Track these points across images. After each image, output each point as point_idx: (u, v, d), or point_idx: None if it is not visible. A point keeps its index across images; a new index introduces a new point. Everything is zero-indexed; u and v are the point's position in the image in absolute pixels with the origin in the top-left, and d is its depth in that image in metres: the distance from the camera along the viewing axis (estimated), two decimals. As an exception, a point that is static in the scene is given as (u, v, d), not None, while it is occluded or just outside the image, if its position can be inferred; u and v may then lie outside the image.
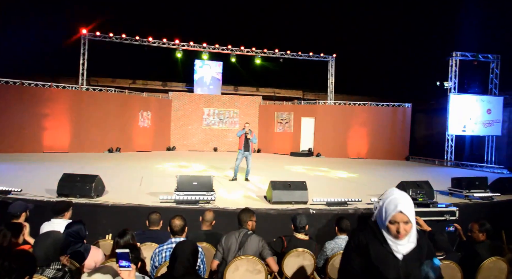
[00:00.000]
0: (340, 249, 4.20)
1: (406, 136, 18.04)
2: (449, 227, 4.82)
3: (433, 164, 16.59)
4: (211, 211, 4.62)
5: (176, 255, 2.66)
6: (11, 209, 4.34)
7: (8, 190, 6.64)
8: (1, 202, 6.32)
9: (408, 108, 18.09)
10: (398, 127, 18.05)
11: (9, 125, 13.79)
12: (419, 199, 5.74)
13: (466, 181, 7.97)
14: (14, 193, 6.63)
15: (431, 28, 18.50)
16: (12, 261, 1.89)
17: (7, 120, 13.75)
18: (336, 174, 11.83)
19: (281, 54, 19.57)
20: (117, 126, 16.12)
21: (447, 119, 16.19)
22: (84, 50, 17.36)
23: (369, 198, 7.03)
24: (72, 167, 10.48)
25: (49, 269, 2.68)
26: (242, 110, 19.70)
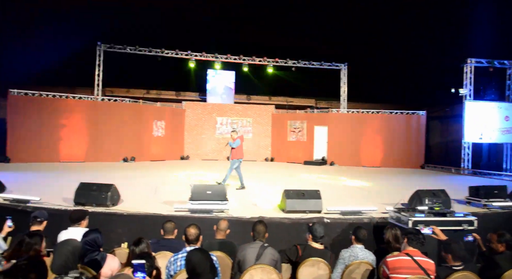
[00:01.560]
0: (356, 258, 4.17)
1: (420, 144, 17.82)
2: (467, 236, 4.72)
3: (449, 172, 16.31)
4: (225, 220, 4.64)
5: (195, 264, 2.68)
6: (36, 213, 4.45)
7: (27, 199, 6.78)
8: (21, 211, 6.46)
9: (423, 115, 17.90)
10: (412, 135, 17.84)
11: (28, 136, 14.11)
12: (435, 208, 5.64)
13: (484, 189, 7.82)
14: (33, 201, 6.76)
15: (445, 35, 18.34)
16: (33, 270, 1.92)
17: (26, 131, 14.08)
18: (350, 183, 11.73)
19: (293, 63, 19.63)
20: (132, 136, 16.32)
21: (463, 126, 15.96)
22: (99, 61, 17.72)
23: (384, 207, 6.94)
24: (88, 176, 10.62)
25: (67, 277, 2.72)
26: (255, 119, 19.76)
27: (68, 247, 2.83)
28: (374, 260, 4.21)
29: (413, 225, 5.44)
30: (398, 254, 3.78)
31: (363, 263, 4.11)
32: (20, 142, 14.00)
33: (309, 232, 4.37)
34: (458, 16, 17.23)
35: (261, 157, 19.62)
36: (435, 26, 18.25)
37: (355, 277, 4.14)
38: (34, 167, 12.87)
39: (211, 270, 2.67)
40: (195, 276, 2.58)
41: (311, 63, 19.85)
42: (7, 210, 6.38)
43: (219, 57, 19.02)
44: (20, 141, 14.00)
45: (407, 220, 5.53)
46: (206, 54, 18.95)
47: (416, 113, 17.91)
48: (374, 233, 6.38)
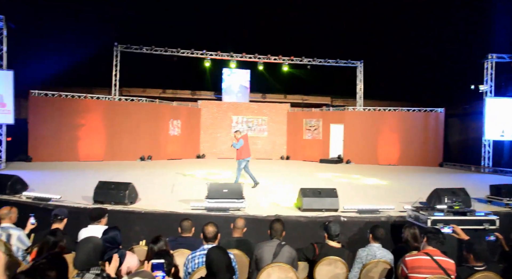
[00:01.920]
0: (374, 257, 4.13)
1: (439, 142, 17.49)
2: (489, 236, 4.62)
3: (469, 170, 15.97)
4: (242, 218, 4.66)
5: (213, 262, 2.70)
6: (57, 211, 4.54)
7: (48, 197, 6.94)
8: (42, 208, 6.61)
9: (441, 113, 17.57)
10: (430, 133, 17.53)
11: (48, 135, 14.43)
12: (455, 206, 5.52)
13: (507, 188, 7.64)
14: (54, 200, 6.92)
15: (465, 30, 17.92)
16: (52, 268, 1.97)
17: (46, 131, 14.40)
18: (366, 181, 11.62)
19: (308, 61, 19.51)
20: (148, 135, 16.51)
21: (484, 124, 15.61)
22: (116, 62, 17.97)
23: (402, 206, 6.85)
24: (106, 174, 10.79)
25: (89, 274, 2.77)
26: (271, 118, 19.74)
27: (89, 244, 2.89)
28: (392, 259, 4.16)
29: (432, 224, 5.35)
30: (417, 253, 3.72)
31: (380, 262, 4.07)
32: (41, 142, 14.33)
33: (324, 230, 4.34)
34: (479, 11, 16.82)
35: (276, 155, 19.59)
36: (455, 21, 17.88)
37: (373, 276, 4.10)
38: (54, 166, 13.15)
39: (228, 268, 2.68)
40: (213, 274, 2.61)
41: (326, 61, 19.70)
42: (29, 208, 6.53)
43: (234, 56, 19.05)
44: (41, 140, 14.33)
45: (426, 218, 5.44)
46: (221, 53, 19.01)
47: (434, 110, 17.60)
48: (391, 232, 6.31)
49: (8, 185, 7.36)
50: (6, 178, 7.54)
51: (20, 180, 7.70)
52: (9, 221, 4.63)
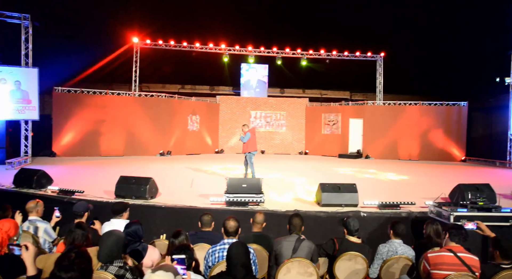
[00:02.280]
0: (395, 253, 4.08)
1: (462, 136, 17.07)
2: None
3: (494, 166, 15.55)
4: (261, 213, 4.66)
5: (233, 256, 2.73)
6: (75, 208, 4.66)
7: (72, 191, 7.13)
8: (67, 202, 6.80)
9: (464, 106, 17.13)
10: (453, 127, 17.12)
11: (71, 131, 14.78)
12: (479, 202, 5.39)
13: (533, 183, 7.40)
14: (77, 194, 7.10)
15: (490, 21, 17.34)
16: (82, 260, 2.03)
17: (69, 126, 14.75)
18: (386, 176, 11.46)
19: (327, 55, 19.32)
20: (168, 130, 16.70)
21: (509, 117, 15.15)
22: (136, 58, 18.20)
23: (423, 201, 6.73)
24: (127, 169, 10.99)
25: (112, 266, 2.84)
26: (289, 113, 19.67)
27: (112, 238, 2.95)
28: (414, 256, 4.10)
29: (455, 220, 5.25)
30: (439, 250, 3.65)
31: (402, 258, 4.02)
32: (64, 137, 14.69)
33: (343, 226, 4.31)
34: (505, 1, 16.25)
35: (295, 151, 19.53)
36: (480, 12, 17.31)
37: (394, 272, 4.06)
38: (77, 160, 13.47)
39: (248, 265, 2.70)
40: (232, 269, 2.63)
41: (345, 55, 19.46)
42: (54, 201, 6.73)
43: (252, 51, 19.03)
44: (64, 136, 14.70)
45: (449, 214, 5.34)
46: (239, 48, 19.01)
47: (457, 104, 17.17)
48: (412, 227, 6.21)
49: (34, 179, 7.60)
50: (33, 173, 7.78)
51: (45, 175, 7.92)
52: (36, 214, 4.77)
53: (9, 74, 12.11)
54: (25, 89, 12.26)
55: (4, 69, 12.14)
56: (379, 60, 19.70)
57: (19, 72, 12.27)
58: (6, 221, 3.21)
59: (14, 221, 3.29)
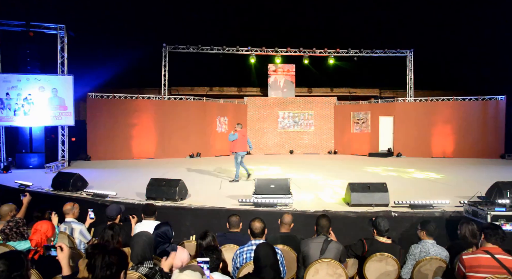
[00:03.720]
0: (428, 254, 3.96)
1: (499, 132, 16.31)
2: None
3: (535, 162, 14.79)
4: (289, 213, 4.65)
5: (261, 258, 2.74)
6: (108, 212, 4.81)
7: (106, 193, 7.37)
8: (101, 204, 7.04)
9: (502, 101, 16.37)
10: (490, 122, 16.39)
11: (105, 135, 15.28)
12: (518, 201, 5.18)
13: None
14: (110, 196, 7.33)
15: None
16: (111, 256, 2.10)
17: (103, 131, 15.26)
18: (419, 175, 11.13)
19: (354, 53, 19.00)
20: (197, 133, 16.94)
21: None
22: (165, 62, 18.58)
23: (458, 200, 6.50)
24: (158, 172, 11.24)
25: (142, 267, 2.92)
26: (317, 112, 19.49)
27: (143, 239, 3.04)
28: (448, 257, 3.97)
29: (492, 220, 5.06)
30: (475, 251, 3.51)
31: (434, 259, 3.90)
32: (98, 141, 15.21)
33: (372, 226, 4.22)
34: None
35: (324, 150, 19.33)
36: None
37: (427, 273, 3.94)
38: (110, 164, 13.91)
39: (275, 266, 2.71)
40: (260, 270, 2.65)
41: (374, 52, 19.07)
42: (89, 204, 6.99)
43: (279, 51, 18.99)
44: (98, 140, 15.22)
45: (485, 214, 5.15)
46: (266, 49, 19.02)
47: (494, 98, 16.45)
48: (447, 228, 6.01)
49: (70, 182, 7.93)
50: (69, 176, 8.12)
51: (81, 178, 8.24)
52: (72, 216, 4.98)
53: (47, 82, 12.68)
54: (61, 96, 12.79)
55: (43, 77, 12.72)
56: (409, 55, 19.18)
57: (56, 80, 12.82)
58: (44, 222, 3.37)
59: (51, 223, 3.44)
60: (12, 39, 12.89)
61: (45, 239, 3.19)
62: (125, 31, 18.55)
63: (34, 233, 3.21)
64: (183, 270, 2.08)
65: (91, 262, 2.06)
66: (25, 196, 5.42)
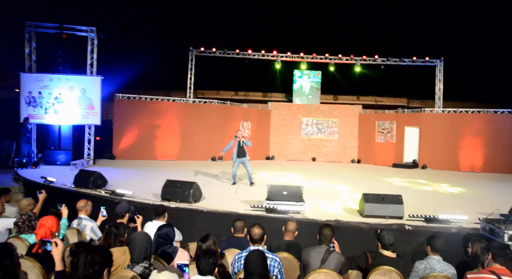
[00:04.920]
0: (433, 271, 3.84)
1: (532, 146, 15.58)
2: None
3: None
4: (294, 221, 4.63)
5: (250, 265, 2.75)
6: (117, 209, 4.94)
7: (122, 193, 7.56)
8: (117, 202, 7.22)
9: (536, 114, 15.66)
10: (522, 136, 15.69)
11: (130, 135, 15.68)
12: (539, 221, 4.93)
13: None
14: (127, 195, 7.52)
15: None
16: (94, 255, 2.17)
17: (128, 131, 15.67)
18: (441, 188, 10.79)
19: (382, 61, 18.69)
20: (220, 136, 17.06)
21: None
22: (191, 66, 18.91)
23: (478, 217, 6.25)
24: (178, 173, 11.42)
25: (138, 266, 2.99)
26: (341, 120, 19.26)
27: (141, 240, 3.11)
28: (455, 274, 3.83)
29: (510, 239, 4.84)
30: (481, 271, 3.38)
31: (440, 276, 3.77)
32: (123, 141, 15.62)
33: (377, 239, 4.14)
34: None
35: (347, 159, 19.06)
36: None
37: (432, 291, 3.82)
38: (134, 164, 14.24)
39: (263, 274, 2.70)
40: (247, 276, 2.65)
41: (402, 60, 18.68)
42: (107, 202, 7.19)
43: (305, 57, 18.95)
44: (123, 140, 15.63)
45: (503, 233, 4.93)
46: (291, 55, 19.03)
47: (527, 111, 15.75)
48: (464, 245, 5.79)
49: (91, 180, 8.19)
50: (90, 174, 8.39)
51: (101, 176, 8.49)
52: (85, 213, 5.14)
53: (77, 82, 13.18)
54: (89, 96, 13.25)
55: (73, 77, 13.23)
56: (439, 65, 18.66)
57: (85, 80, 13.30)
58: (49, 217, 3.51)
59: (56, 218, 3.58)
60: (46, 41, 13.50)
61: (50, 234, 3.32)
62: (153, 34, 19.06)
63: (40, 227, 3.35)
64: (162, 270, 2.12)
65: (74, 260, 2.14)
66: (41, 193, 5.65)
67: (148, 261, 3.06)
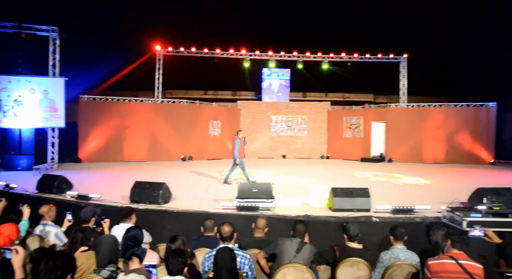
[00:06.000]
0: (398, 260, 3.98)
1: (490, 138, 16.40)
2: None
3: (525, 169, 14.87)
4: (263, 218, 4.66)
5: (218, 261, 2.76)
6: (82, 214, 4.81)
7: (89, 196, 7.37)
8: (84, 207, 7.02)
9: (493, 107, 16.48)
10: (481, 129, 16.48)
11: (96, 138, 15.27)
12: (494, 207, 5.19)
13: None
14: (94, 199, 7.33)
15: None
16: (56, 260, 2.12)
17: (94, 133, 15.25)
18: (408, 180, 11.17)
19: (348, 58, 19.10)
20: (189, 136, 16.95)
21: (541, 118, 14.46)
22: (159, 65, 18.64)
23: (439, 206, 6.52)
24: (147, 175, 11.23)
25: (104, 270, 2.93)
26: (310, 117, 19.55)
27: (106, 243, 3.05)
28: (418, 262, 3.99)
29: (468, 226, 5.08)
30: (441, 257, 3.54)
31: (405, 265, 3.92)
32: (90, 144, 15.20)
33: (343, 232, 4.25)
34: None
35: (316, 155, 19.37)
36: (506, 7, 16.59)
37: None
38: (101, 166, 13.89)
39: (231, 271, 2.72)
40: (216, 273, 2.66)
41: (367, 57, 19.16)
42: (73, 207, 6.97)
43: (273, 56, 19.08)
44: (90, 142, 15.20)
45: (461, 220, 5.17)
46: (260, 53, 19.11)
47: (485, 105, 16.54)
48: (427, 233, 6.03)
49: (55, 184, 7.92)
50: (54, 178, 8.11)
51: (66, 180, 8.23)
52: (49, 218, 4.98)
53: (38, 84, 12.70)
54: (52, 98, 12.81)
55: (33, 79, 12.74)
56: (403, 61, 19.28)
57: (46, 82, 12.84)
58: (8, 225, 3.38)
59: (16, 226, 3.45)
60: (4, 41, 12.91)
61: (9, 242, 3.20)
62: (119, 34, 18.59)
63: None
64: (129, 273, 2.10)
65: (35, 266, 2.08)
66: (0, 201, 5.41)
67: (114, 265, 3.01)
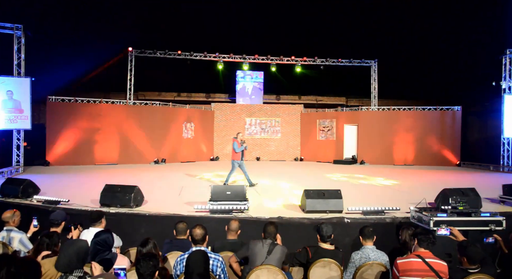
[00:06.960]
0: (368, 260, 4.07)
1: (456, 141, 17.06)
2: (487, 238, 4.48)
3: (487, 170, 15.52)
4: (236, 220, 4.67)
5: (191, 265, 2.73)
6: (52, 217, 4.66)
7: (57, 200, 7.13)
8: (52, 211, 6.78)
9: (458, 111, 17.14)
10: (447, 132, 17.12)
11: (66, 140, 14.81)
12: (459, 207, 5.39)
13: (519, 187, 7.39)
14: (62, 203, 7.10)
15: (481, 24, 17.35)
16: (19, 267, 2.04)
17: (63, 135, 14.78)
18: (377, 181, 11.44)
19: (321, 61, 19.39)
20: (162, 138, 16.73)
21: (502, 121, 15.15)
22: (131, 67, 18.30)
23: (408, 206, 6.71)
24: (119, 178, 11.01)
25: (72, 276, 2.84)
26: (284, 119, 19.70)
27: (73, 247, 2.96)
28: (388, 261, 4.10)
29: (435, 225, 5.24)
30: (408, 256, 3.66)
31: (375, 264, 4.01)
32: (58, 146, 14.72)
33: (317, 232, 4.31)
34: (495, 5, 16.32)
35: (290, 157, 19.53)
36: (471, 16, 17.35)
37: (368, 278, 4.05)
38: (70, 169, 13.48)
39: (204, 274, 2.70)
40: (188, 276, 2.64)
41: (340, 61, 19.52)
42: (39, 211, 6.73)
43: (247, 58, 19.12)
44: (58, 145, 14.73)
45: (429, 220, 5.33)
46: (234, 56, 19.10)
47: (451, 109, 17.18)
48: (397, 233, 6.19)
49: (20, 188, 7.60)
50: (19, 182, 7.79)
51: (32, 184, 7.93)
52: (13, 224, 4.79)
53: (2, 84, 12.19)
54: (17, 99, 12.34)
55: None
56: (373, 65, 19.76)
57: (11, 82, 12.35)
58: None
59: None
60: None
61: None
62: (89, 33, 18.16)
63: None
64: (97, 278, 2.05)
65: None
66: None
67: (81, 270, 2.93)
